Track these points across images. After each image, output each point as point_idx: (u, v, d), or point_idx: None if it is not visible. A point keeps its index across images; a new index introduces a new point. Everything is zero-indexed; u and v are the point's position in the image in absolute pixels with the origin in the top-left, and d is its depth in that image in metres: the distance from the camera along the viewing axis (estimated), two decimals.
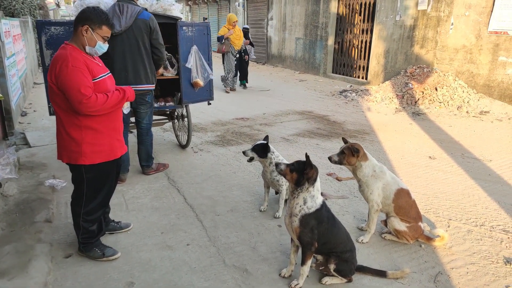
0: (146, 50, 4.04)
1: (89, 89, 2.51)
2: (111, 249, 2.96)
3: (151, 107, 4.31)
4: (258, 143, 3.49)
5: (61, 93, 2.50)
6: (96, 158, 2.68)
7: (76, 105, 2.47)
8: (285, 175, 2.51)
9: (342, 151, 3.08)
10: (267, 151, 3.47)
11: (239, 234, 3.31)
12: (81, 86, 2.45)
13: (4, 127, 5.34)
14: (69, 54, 2.50)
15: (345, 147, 3.07)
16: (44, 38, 4.07)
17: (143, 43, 4.00)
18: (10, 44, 6.63)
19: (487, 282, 2.72)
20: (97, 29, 2.61)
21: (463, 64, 8.39)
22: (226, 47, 9.87)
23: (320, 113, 7.95)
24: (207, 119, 7.30)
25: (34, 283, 2.53)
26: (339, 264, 2.58)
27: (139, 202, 3.86)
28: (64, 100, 2.52)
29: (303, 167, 2.43)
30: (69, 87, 2.44)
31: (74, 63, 2.47)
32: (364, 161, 3.07)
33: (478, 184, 4.38)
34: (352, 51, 11.87)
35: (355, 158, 3.04)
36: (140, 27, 3.93)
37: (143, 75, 4.04)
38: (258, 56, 17.39)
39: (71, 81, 2.44)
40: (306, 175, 2.43)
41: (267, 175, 3.58)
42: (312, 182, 2.46)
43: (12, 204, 3.66)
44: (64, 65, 2.45)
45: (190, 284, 2.66)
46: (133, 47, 3.96)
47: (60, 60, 2.47)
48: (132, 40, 3.94)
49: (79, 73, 2.47)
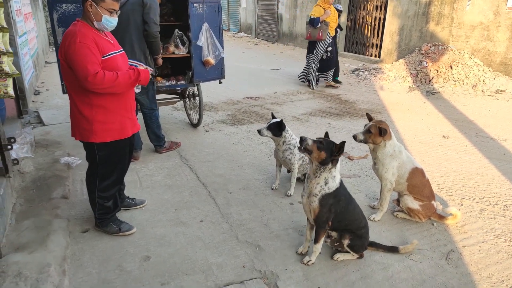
0: (136, 27, 3.88)
1: (96, 65, 2.48)
2: (127, 225, 3.02)
3: (147, 92, 4.15)
4: (273, 121, 3.47)
5: (71, 70, 2.50)
6: (107, 136, 2.70)
7: (82, 81, 2.45)
8: (311, 152, 2.39)
9: (369, 129, 2.97)
10: (282, 129, 3.46)
11: (251, 211, 3.35)
12: (87, 62, 2.43)
13: (18, 105, 5.40)
14: (78, 31, 2.48)
15: (372, 126, 2.97)
16: (56, 16, 4.06)
17: (134, 20, 3.86)
18: (22, 23, 6.63)
19: (500, 260, 2.73)
20: (100, 2, 2.54)
21: (480, 41, 8.16)
22: (323, 32, 7.52)
23: (331, 92, 7.87)
24: (218, 98, 7.28)
25: (53, 257, 2.61)
26: (353, 240, 2.60)
27: (153, 180, 3.91)
28: (74, 77, 2.52)
29: (333, 148, 2.36)
30: (75, 63, 2.43)
31: (82, 39, 2.45)
32: (388, 140, 3.01)
33: (492, 163, 4.33)
34: (365, 29, 11.61)
35: (382, 138, 2.97)
36: (134, 2, 3.82)
37: (128, 49, 3.77)
38: (269, 34, 17.15)
39: (78, 57, 2.42)
40: (335, 157, 2.38)
41: (279, 153, 3.59)
42: (336, 163, 2.44)
43: (29, 180, 3.74)
44: (72, 41, 2.43)
45: (204, 258, 2.72)
46: (124, 21, 3.78)
47: (69, 36, 2.46)
48: (123, 15, 3.76)
49: (87, 49, 2.45)
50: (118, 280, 2.51)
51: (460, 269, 2.64)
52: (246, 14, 19.45)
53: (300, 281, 2.51)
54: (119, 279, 2.51)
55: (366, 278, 2.54)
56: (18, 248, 2.68)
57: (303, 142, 2.39)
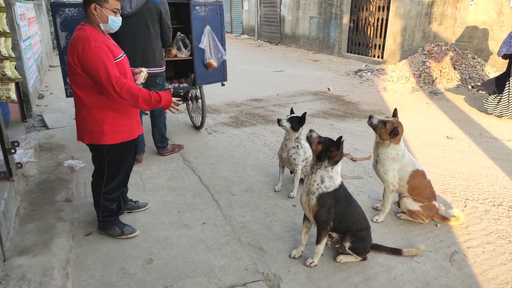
0: (155, 33, 4.01)
1: (116, 69, 2.51)
2: (130, 227, 3.03)
3: (162, 89, 4.28)
4: (295, 115, 3.49)
5: (85, 74, 2.50)
6: (117, 138, 2.72)
7: (106, 85, 2.44)
8: (311, 144, 2.53)
9: (386, 122, 2.94)
10: (301, 124, 3.46)
11: (254, 213, 3.35)
12: (108, 66, 2.45)
13: (22, 109, 5.44)
14: (90, 35, 2.48)
15: (390, 122, 2.94)
16: (59, 20, 4.09)
17: (153, 26, 3.97)
18: (26, 27, 6.67)
19: (504, 261, 2.71)
20: (104, 4, 2.55)
21: (483, 41, 8.13)
22: None
23: (334, 93, 7.86)
24: (221, 100, 7.29)
25: (56, 260, 2.62)
26: (354, 242, 2.59)
27: (156, 182, 3.92)
28: (87, 81, 2.52)
29: (329, 144, 2.43)
30: (96, 67, 2.44)
31: (96, 43, 2.46)
32: (395, 143, 3.00)
33: (496, 163, 4.30)
34: (367, 30, 11.59)
35: (389, 137, 2.96)
36: (151, 10, 3.89)
37: (151, 59, 4.01)
38: (271, 36, 17.17)
39: (98, 61, 2.43)
40: (329, 152, 2.43)
41: (285, 152, 3.58)
42: (332, 163, 2.45)
43: (33, 184, 3.76)
44: (87, 46, 2.43)
45: (207, 261, 2.72)
46: (143, 30, 3.92)
47: (82, 41, 2.46)
48: (142, 22, 3.90)
49: (103, 53, 2.47)
50: (121, 283, 2.51)
51: (464, 270, 2.62)
52: (248, 16, 19.48)
53: (303, 284, 2.50)
54: (122, 282, 2.52)
55: (369, 280, 2.53)
56: (22, 252, 2.69)
57: (310, 132, 2.58)
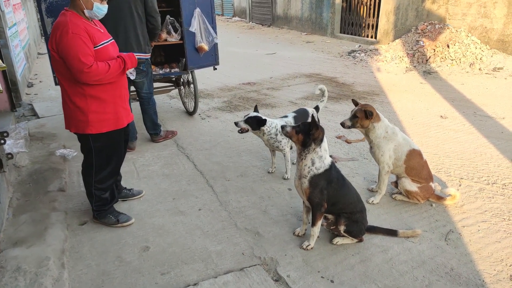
0: (139, 17, 3.88)
1: (90, 57, 2.45)
2: (125, 216, 3.01)
3: (147, 75, 4.17)
4: (252, 116, 3.34)
5: (63, 61, 2.45)
6: (103, 127, 2.67)
7: (77, 74, 2.43)
8: (291, 137, 2.51)
9: (355, 114, 3.00)
10: (261, 125, 3.35)
11: (250, 198, 3.34)
12: (81, 54, 2.40)
13: (11, 98, 5.33)
14: (69, 21, 2.42)
15: (358, 110, 2.99)
16: (44, 6, 3.98)
17: (136, 10, 3.84)
18: (11, 14, 6.50)
19: (499, 239, 2.73)
20: None
21: (477, 19, 8.05)
22: None
23: (328, 75, 7.80)
24: (213, 84, 7.20)
25: (52, 250, 2.60)
26: (349, 225, 2.59)
27: (150, 170, 3.89)
28: (66, 69, 2.48)
29: (309, 128, 2.42)
30: (69, 55, 2.39)
31: (74, 29, 2.40)
32: (377, 122, 3.01)
33: (490, 142, 4.31)
34: (360, 9, 11.44)
35: (369, 121, 2.98)
36: None
37: (134, 43, 3.88)
38: (263, 18, 16.91)
39: (71, 48, 2.38)
40: (312, 135, 2.42)
41: (267, 143, 3.56)
42: (319, 143, 2.45)
43: (25, 174, 3.72)
44: (64, 32, 2.38)
45: (203, 247, 2.71)
46: (125, 13, 3.79)
47: (60, 27, 2.41)
48: (124, 5, 3.77)
49: (79, 40, 2.41)
50: (117, 271, 2.50)
51: (459, 249, 2.64)
52: None
53: (300, 266, 2.51)
54: (119, 270, 2.51)
55: (365, 261, 2.55)
56: (16, 243, 2.67)
57: (283, 130, 2.53)
